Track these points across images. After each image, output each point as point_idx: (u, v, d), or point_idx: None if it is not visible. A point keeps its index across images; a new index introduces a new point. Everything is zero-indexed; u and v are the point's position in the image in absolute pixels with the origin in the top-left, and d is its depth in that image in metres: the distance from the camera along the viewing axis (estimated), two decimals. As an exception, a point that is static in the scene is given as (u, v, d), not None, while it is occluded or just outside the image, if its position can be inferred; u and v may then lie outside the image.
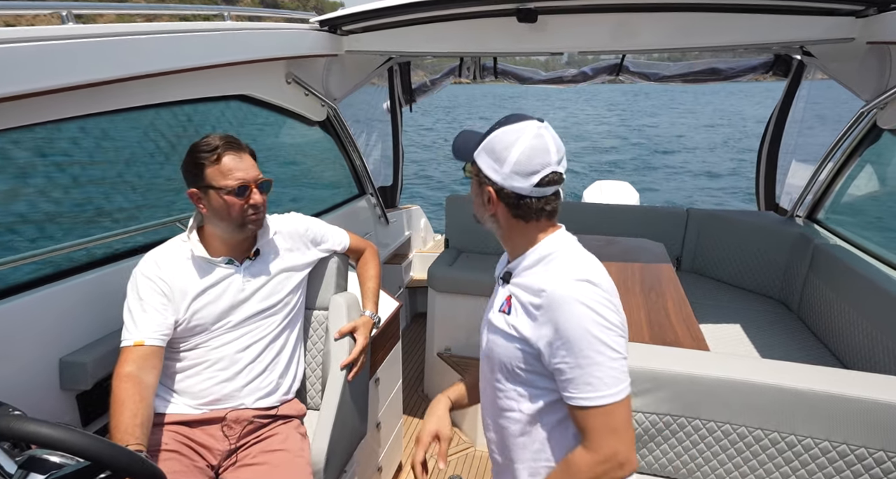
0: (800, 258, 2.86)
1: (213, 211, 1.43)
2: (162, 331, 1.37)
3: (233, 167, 1.40)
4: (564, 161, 1.06)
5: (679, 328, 1.87)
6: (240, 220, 1.44)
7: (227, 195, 1.39)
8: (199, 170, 1.39)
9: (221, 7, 1.92)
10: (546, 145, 1.01)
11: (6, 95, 1.20)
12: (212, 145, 1.39)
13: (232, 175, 1.39)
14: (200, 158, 1.39)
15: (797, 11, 1.99)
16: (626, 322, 1.04)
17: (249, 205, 1.43)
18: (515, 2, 2.11)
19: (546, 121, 1.06)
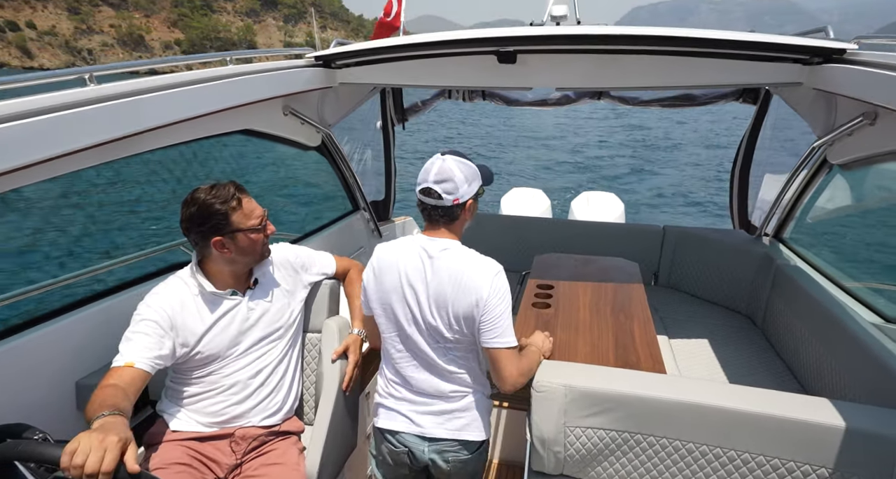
0: (764, 277, 3.06)
1: (239, 251, 1.58)
2: (152, 356, 1.44)
3: (252, 207, 1.60)
4: (439, 184, 1.47)
5: (641, 350, 2.06)
6: (261, 251, 1.65)
7: (253, 234, 1.58)
8: (224, 218, 1.52)
9: (224, 53, 2.08)
10: (427, 169, 1.49)
11: (31, 161, 1.35)
12: (229, 193, 1.54)
13: (254, 214, 1.59)
14: (222, 209, 1.52)
15: (752, 58, 2.18)
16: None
17: (266, 236, 1.64)
18: (495, 45, 2.28)
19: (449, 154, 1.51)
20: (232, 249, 1.57)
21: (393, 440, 1.61)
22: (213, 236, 1.54)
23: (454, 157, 1.51)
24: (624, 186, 14.92)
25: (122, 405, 1.23)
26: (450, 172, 1.46)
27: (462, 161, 1.51)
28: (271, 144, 2.76)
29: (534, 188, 6.53)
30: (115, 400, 1.24)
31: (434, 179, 1.46)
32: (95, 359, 1.76)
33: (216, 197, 1.53)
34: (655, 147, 23.09)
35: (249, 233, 1.57)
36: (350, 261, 2.11)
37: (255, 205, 1.62)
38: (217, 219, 1.52)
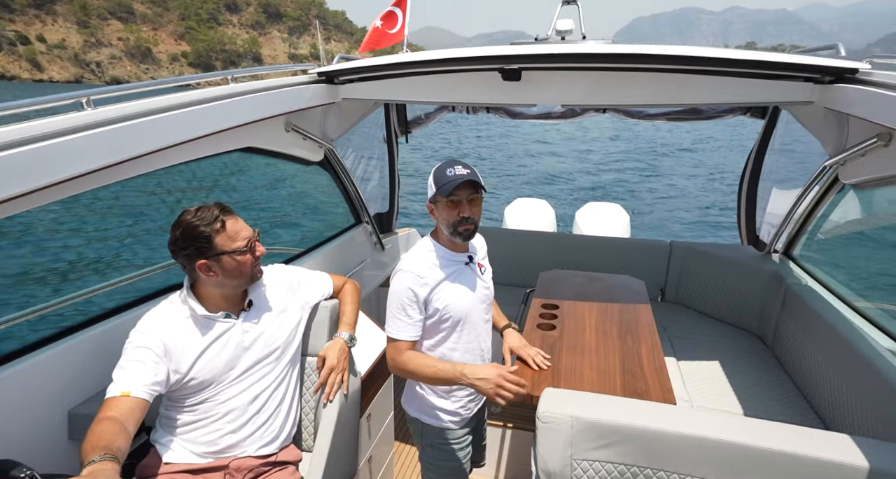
0: (773, 296, 2.99)
1: (225, 274, 1.54)
2: (149, 385, 1.40)
3: (238, 229, 1.54)
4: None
5: (650, 377, 1.98)
6: (250, 273, 1.59)
7: (239, 256, 1.53)
8: (207, 242, 1.49)
9: (226, 72, 2.05)
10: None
11: (29, 189, 1.33)
12: (212, 216, 1.50)
13: (239, 236, 1.54)
14: (205, 232, 1.48)
15: (762, 76, 2.14)
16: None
17: (255, 257, 1.58)
18: (499, 63, 2.24)
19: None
20: (218, 272, 1.53)
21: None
22: (197, 260, 1.50)
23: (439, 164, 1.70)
24: (628, 197, 14.87)
25: (116, 444, 1.19)
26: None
27: (434, 169, 1.68)
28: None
29: (538, 199, 6.49)
30: (109, 438, 1.20)
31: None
32: (88, 387, 1.71)
33: (200, 219, 1.49)
34: (661, 155, 23.07)
35: (235, 255, 1.53)
36: (344, 278, 2.08)
37: (242, 226, 1.57)
38: (200, 242, 1.49)
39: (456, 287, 1.70)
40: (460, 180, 1.58)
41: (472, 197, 1.63)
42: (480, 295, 1.78)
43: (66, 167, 1.41)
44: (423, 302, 1.66)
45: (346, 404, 1.85)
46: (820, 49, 2.18)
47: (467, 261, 1.77)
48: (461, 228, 1.65)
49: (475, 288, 1.76)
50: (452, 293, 1.69)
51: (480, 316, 1.81)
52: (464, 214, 1.63)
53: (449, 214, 1.64)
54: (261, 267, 1.65)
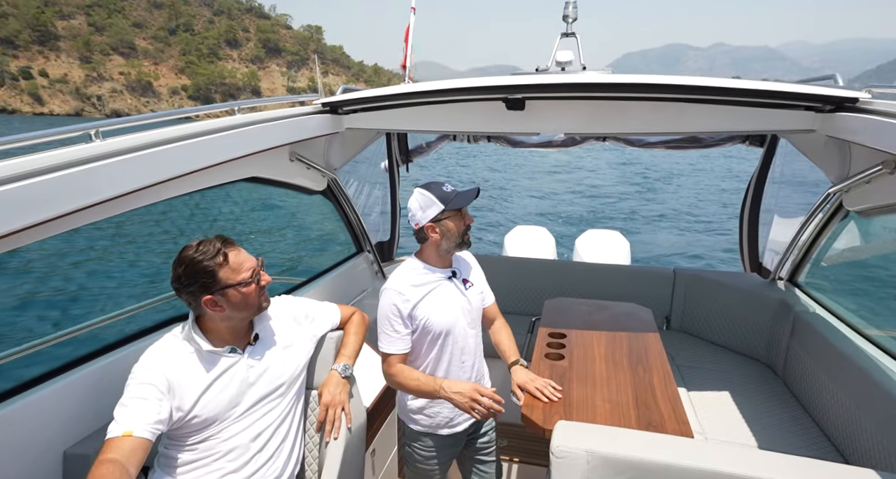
0: (782, 324, 2.95)
1: (232, 307, 1.50)
2: (152, 422, 1.35)
3: (241, 261, 1.50)
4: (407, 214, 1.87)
5: (664, 409, 1.93)
6: (257, 304, 1.55)
7: (244, 288, 1.49)
8: (211, 276, 1.45)
9: (231, 103, 2.06)
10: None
11: (36, 221, 1.31)
12: (214, 249, 1.46)
13: (243, 267, 1.50)
14: (209, 266, 1.44)
15: (762, 105, 2.17)
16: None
17: (261, 287, 1.54)
18: (504, 92, 2.27)
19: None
20: (225, 306, 1.49)
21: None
22: (203, 296, 1.46)
23: (419, 189, 1.83)
24: (628, 224, 14.94)
25: None
26: (409, 203, 1.83)
27: (422, 192, 1.81)
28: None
29: (537, 226, 6.50)
30: None
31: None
32: (85, 426, 1.64)
33: (203, 254, 1.45)
34: (659, 181, 23.34)
35: (240, 287, 1.49)
36: (354, 308, 2.04)
37: (245, 257, 1.53)
38: (204, 277, 1.44)
39: (437, 301, 1.85)
40: (473, 194, 1.83)
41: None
42: (462, 308, 1.91)
43: (74, 199, 1.40)
44: (406, 316, 1.81)
45: (350, 438, 1.78)
46: (818, 79, 2.22)
47: (450, 276, 1.92)
48: (466, 236, 1.87)
49: (457, 301, 1.90)
50: (434, 306, 1.84)
51: (464, 329, 1.92)
52: (469, 222, 1.87)
53: (458, 226, 1.83)
54: (266, 296, 1.61)
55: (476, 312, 1.98)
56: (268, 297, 1.62)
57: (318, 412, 1.79)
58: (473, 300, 1.96)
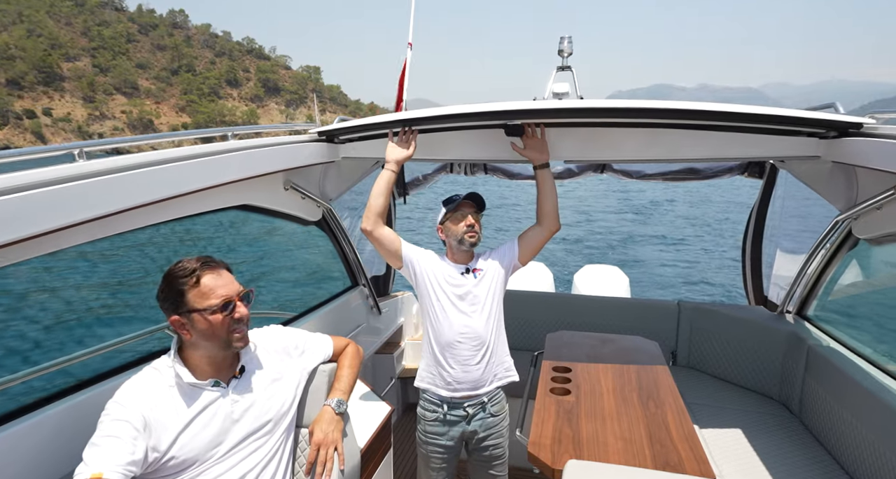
0: (795, 359, 2.84)
1: (198, 334, 1.38)
2: (125, 465, 1.22)
3: (213, 286, 1.38)
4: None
5: (681, 447, 1.80)
6: (225, 337, 1.40)
7: (211, 315, 1.36)
8: (180, 296, 1.36)
9: (225, 129, 2.02)
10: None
11: (22, 236, 1.25)
12: (188, 269, 1.37)
13: (214, 294, 1.37)
14: (179, 285, 1.36)
15: (763, 131, 2.14)
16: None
17: (234, 319, 1.40)
18: (502, 118, 2.25)
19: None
20: (191, 331, 1.38)
21: None
22: (171, 315, 1.37)
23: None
24: (626, 259, 14.91)
25: None
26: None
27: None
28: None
29: (535, 261, 6.42)
30: None
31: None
32: (53, 470, 1.50)
33: (180, 271, 1.37)
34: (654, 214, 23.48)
35: (206, 314, 1.36)
36: (347, 340, 1.92)
37: (224, 283, 1.40)
38: (174, 295, 1.36)
39: (442, 277, 2.15)
40: (463, 196, 2.17)
41: (475, 214, 2.17)
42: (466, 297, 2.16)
43: (54, 217, 1.32)
44: (415, 262, 2.17)
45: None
46: (819, 108, 2.21)
47: (464, 271, 2.18)
48: (467, 235, 2.13)
49: (460, 290, 2.16)
50: (435, 275, 2.15)
51: (457, 308, 2.14)
52: (468, 223, 2.13)
53: (456, 226, 2.14)
54: (243, 334, 1.44)
55: (478, 299, 2.17)
56: (244, 335, 1.44)
57: (308, 452, 1.66)
58: (477, 289, 2.17)
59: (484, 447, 2.23)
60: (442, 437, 2.19)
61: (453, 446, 2.21)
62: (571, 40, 2.83)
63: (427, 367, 2.22)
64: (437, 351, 2.16)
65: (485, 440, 2.22)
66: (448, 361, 2.14)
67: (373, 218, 2.11)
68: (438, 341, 2.16)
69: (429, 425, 2.21)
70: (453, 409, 2.17)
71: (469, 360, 2.14)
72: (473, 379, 2.14)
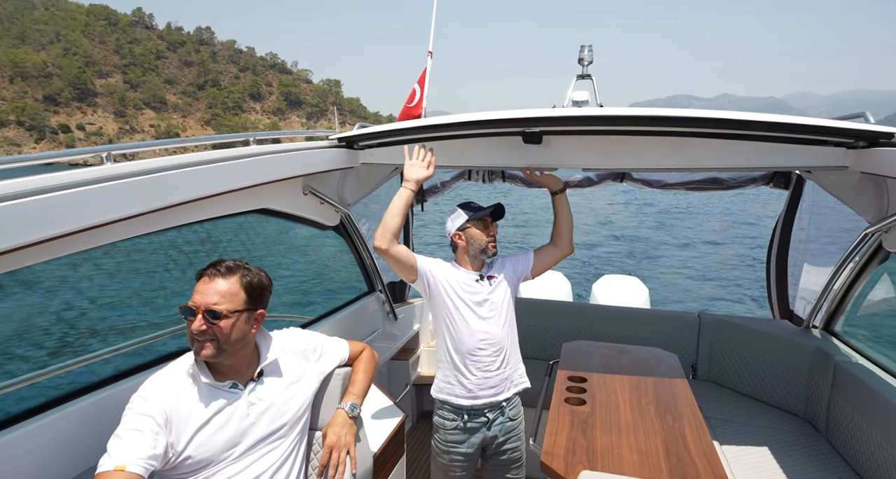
0: (821, 375, 2.74)
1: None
2: (146, 459, 1.25)
3: (197, 289, 1.39)
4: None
5: (700, 463, 1.74)
6: (189, 342, 1.40)
7: (182, 315, 1.39)
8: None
9: (247, 134, 2.07)
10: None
11: (50, 236, 1.29)
12: (209, 265, 1.43)
13: (194, 297, 1.38)
14: (197, 275, 1.44)
15: (789, 140, 2.09)
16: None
17: (192, 329, 1.37)
18: (521, 126, 2.25)
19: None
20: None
21: None
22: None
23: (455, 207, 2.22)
24: (645, 270, 14.66)
25: None
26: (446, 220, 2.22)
27: (454, 208, 2.21)
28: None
29: (552, 270, 6.36)
30: None
31: None
32: (79, 462, 1.53)
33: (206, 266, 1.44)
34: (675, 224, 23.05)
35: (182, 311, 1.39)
36: (363, 344, 1.93)
37: (203, 291, 1.38)
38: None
39: (459, 286, 2.13)
40: (492, 207, 2.13)
41: (495, 223, 2.21)
42: (482, 304, 2.15)
43: (81, 218, 1.36)
44: (429, 273, 2.12)
45: None
46: (848, 117, 2.15)
47: (478, 278, 2.18)
48: (490, 245, 2.15)
49: (476, 297, 2.15)
50: (454, 295, 2.12)
51: (477, 315, 2.13)
52: (493, 233, 2.16)
53: (480, 234, 2.13)
54: (200, 343, 1.37)
55: (495, 305, 2.17)
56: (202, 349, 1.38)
57: (321, 454, 1.65)
58: (493, 296, 2.18)
59: (503, 452, 2.22)
60: (462, 445, 2.17)
61: (472, 453, 2.19)
62: (592, 49, 2.83)
63: (445, 377, 2.20)
64: (458, 359, 2.14)
65: (504, 445, 2.21)
66: (469, 368, 2.13)
67: (388, 237, 1.99)
68: (458, 350, 2.14)
69: (449, 433, 2.18)
70: (474, 417, 2.16)
71: (489, 366, 2.14)
72: (493, 385, 2.14)
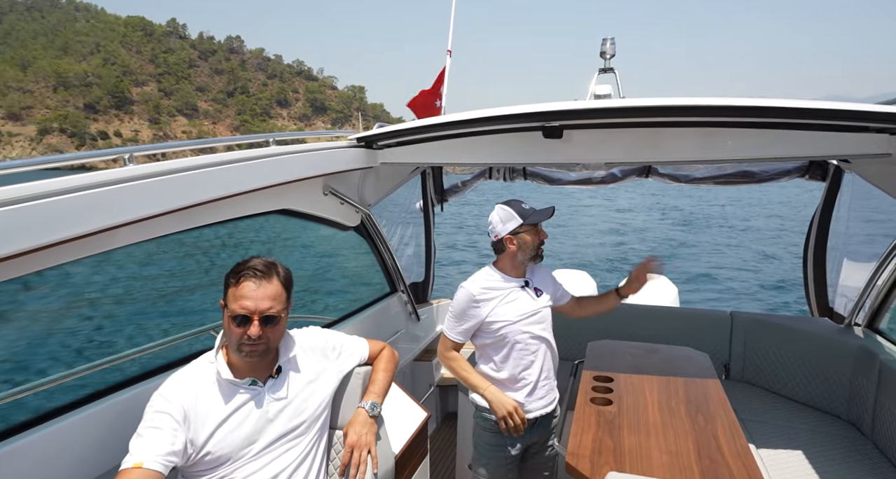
0: (865, 375, 2.59)
1: (225, 329, 1.45)
2: (165, 456, 1.28)
3: (245, 294, 1.39)
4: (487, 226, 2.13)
5: (734, 465, 1.67)
6: (236, 346, 1.42)
7: (230, 318, 1.40)
8: (226, 287, 1.44)
9: (267, 135, 2.10)
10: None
11: (67, 237, 1.32)
12: (243, 266, 1.43)
13: (239, 302, 1.39)
14: (229, 277, 1.44)
15: (826, 127, 1.98)
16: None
17: (244, 333, 1.39)
18: (540, 120, 2.21)
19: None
20: (224, 323, 1.45)
21: None
22: (221, 299, 1.46)
23: (500, 205, 2.07)
24: (674, 269, 14.29)
25: None
26: (490, 217, 2.07)
27: (503, 207, 2.05)
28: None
29: (577, 269, 6.24)
30: None
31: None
32: (105, 460, 1.57)
33: (239, 265, 1.45)
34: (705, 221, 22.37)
35: (228, 315, 1.41)
36: (383, 343, 1.92)
37: (255, 296, 1.39)
38: (225, 283, 1.44)
39: (508, 306, 2.04)
40: (549, 212, 2.04)
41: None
42: (531, 314, 2.07)
43: (102, 218, 1.39)
44: (474, 316, 2.03)
45: None
46: (892, 102, 2.02)
47: (523, 285, 2.10)
48: (540, 250, 2.08)
49: (527, 307, 2.07)
50: (504, 311, 2.02)
51: (533, 333, 2.07)
52: (543, 237, 2.08)
53: (534, 240, 2.05)
54: (255, 348, 1.41)
55: (545, 317, 2.14)
56: (254, 351, 1.41)
57: (342, 454, 1.65)
58: (543, 308, 2.14)
59: (544, 449, 2.24)
60: (513, 448, 2.14)
61: (518, 455, 2.17)
62: (614, 42, 2.76)
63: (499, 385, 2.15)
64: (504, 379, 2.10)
65: (546, 441, 2.23)
66: (520, 386, 2.09)
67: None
68: (509, 370, 2.08)
69: (494, 436, 2.15)
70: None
71: (542, 382, 2.14)
72: (542, 396, 2.15)
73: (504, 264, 2.11)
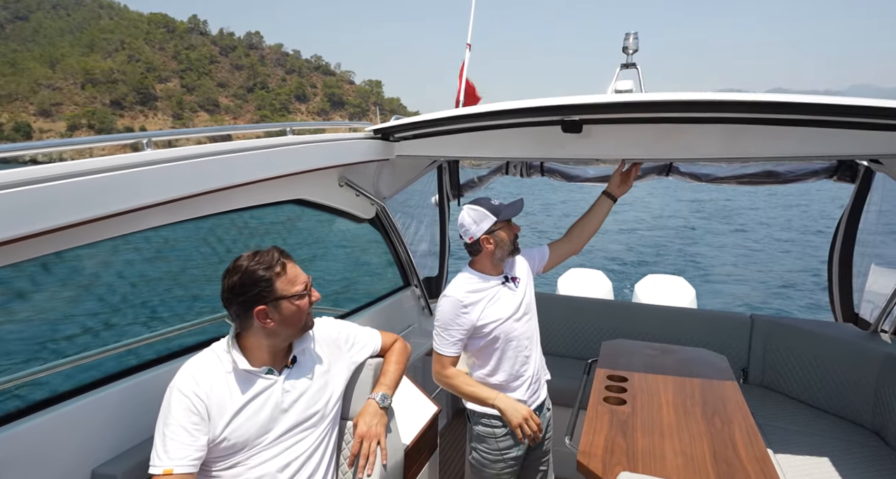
0: (892, 383, 2.50)
1: (282, 321, 1.43)
2: (193, 456, 1.32)
3: (296, 273, 1.47)
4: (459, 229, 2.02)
5: (752, 469, 1.62)
6: (305, 321, 1.50)
7: (298, 301, 1.44)
8: (268, 285, 1.40)
9: (284, 124, 2.10)
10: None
11: (87, 218, 1.33)
12: (273, 259, 1.43)
13: (298, 280, 1.46)
14: (265, 275, 1.39)
15: (855, 125, 1.90)
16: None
17: (311, 303, 1.49)
18: (560, 114, 2.16)
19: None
20: (276, 319, 1.42)
21: None
22: (256, 306, 1.39)
23: (468, 205, 1.98)
24: (692, 269, 14.04)
25: None
26: (461, 219, 1.98)
27: (473, 207, 1.96)
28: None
29: (592, 269, 6.16)
30: None
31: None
32: (116, 444, 1.58)
33: (259, 263, 1.41)
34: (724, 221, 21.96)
35: (294, 300, 1.44)
36: (396, 335, 1.92)
37: (300, 271, 1.49)
38: (261, 286, 1.39)
39: (494, 306, 1.96)
40: (520, 204, 1.99)
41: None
42: (517, 307, 2.01)
43: (117, 201, 1.40)
44: (463, 323, 1.93)
45: (385, 477, 1.60)
46: None
47: (503, 281, 2.03)
48: (516, 243, 2.02)
49: (512, 303, 2.01)
50: (492, 312, 1.95)
51: (520, 327, 2.01)
52: (516, 230, 2.03)
53: (509, 234, 1.98)
54: (313, 317, 1.55)
55: (528, 305, 2.09)
56: (313, 317, 1.56)
57: (352, 444, 1.65)
58: (526, 296, 2.08)
59: (541, 443, 2.19)
60: (514, 448, 2.07)
61: (522, 454, 2.11)
62: (637, 36, 2.70)
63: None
64: (503, 381, 2.04)
65: (544, 436, 2.18)
66: (514, 383, 2.04)
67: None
68: (507, 370, 2.02)
69: (500, 441, 2.07)
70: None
71: (537, 375, 2.10)
72: (535, 390, 2.10)
73: (483, 264, 2.01)
